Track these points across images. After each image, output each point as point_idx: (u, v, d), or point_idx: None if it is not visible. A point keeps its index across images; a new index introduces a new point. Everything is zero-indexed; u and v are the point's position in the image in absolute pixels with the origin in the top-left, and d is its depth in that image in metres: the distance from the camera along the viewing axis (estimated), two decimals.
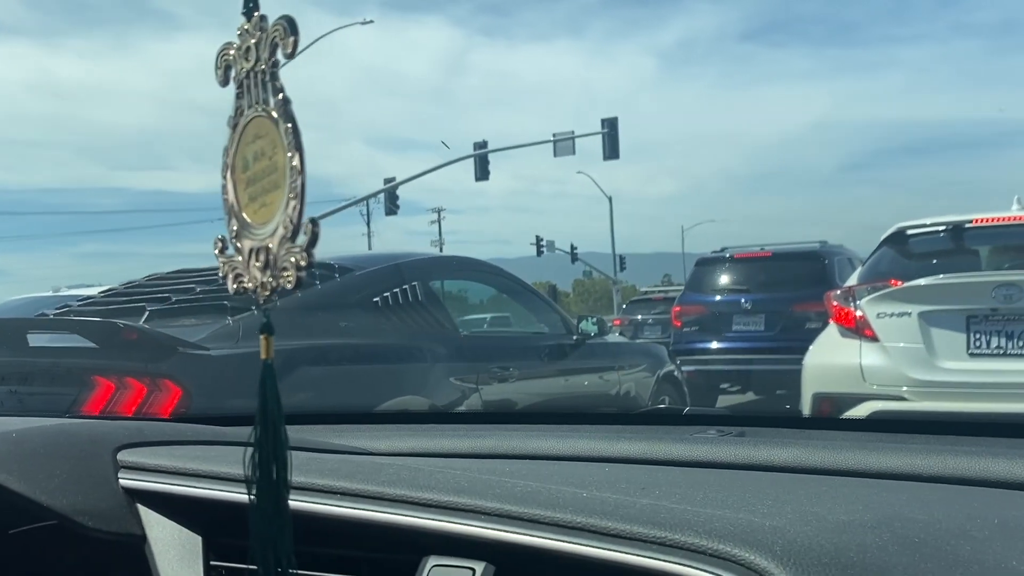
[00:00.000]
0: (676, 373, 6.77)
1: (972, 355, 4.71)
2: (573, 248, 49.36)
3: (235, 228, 0.78)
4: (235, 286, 0.78)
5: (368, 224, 63.56)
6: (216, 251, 0.80)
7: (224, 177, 0.79)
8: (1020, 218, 5.49)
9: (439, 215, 65.51)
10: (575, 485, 1.08)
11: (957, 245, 5.65)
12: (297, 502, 1.07)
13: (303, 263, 0.71)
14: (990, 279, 4.81)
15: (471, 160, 29.04)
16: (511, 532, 0.93)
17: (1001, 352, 4.66)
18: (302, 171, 0.71)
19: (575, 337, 5.63)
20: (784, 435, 1.55)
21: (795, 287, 10.57)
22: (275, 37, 0.74)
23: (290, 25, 0.73)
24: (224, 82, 0.78)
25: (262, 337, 0.74)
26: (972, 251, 5.79)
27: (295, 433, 1.61)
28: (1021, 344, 4.62)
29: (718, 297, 11.15)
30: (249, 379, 3.17)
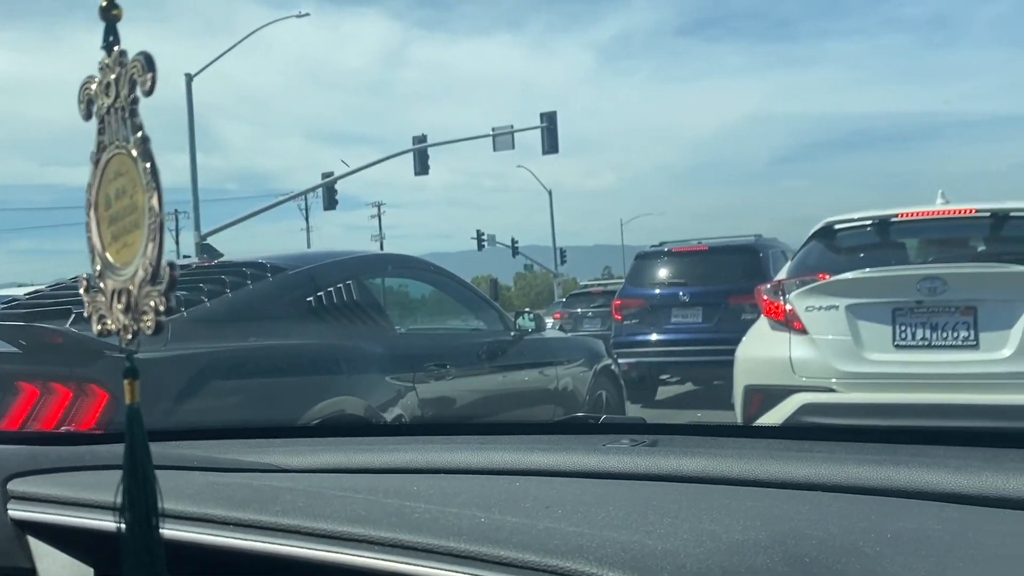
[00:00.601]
0: (613, 367, 6.83)
1: (898, 347, 4.83)
2: (514, 242, 49.48)
3: (98, 268, 0.76)
4: (99, 327, 0.76)
5: (307, 219, 62.92)
6: (82, 290, 0.78)
7: (87, 215, 0.78)
8: (944, 212, 5.62)
9: (379, 210, 65.16)
10: (481, 505, 1.09)
11: (883, 239, 5.76)
12: (184, 532, 1.06)
13: (162, 307, 0.70)
14: (915, 272, 4.91)
15: (411, 154, 28.92)
16: (405, 563, 0.94)
17: (926, 344, 4.78)
18: (160, 212, 0.70)
19: (513, 333, 5.65)
20: (696, 443, 1.57)
21: (731, 280, 10.79)
22: (133, 73, 0.72)
23: (148, 62, 0.71)
24: (87, 116, 0.77)
25: (126, 383, 0.72)
26: (898, 245, 5.91)
27: (207, 450, 1.59)
28: (945, 336, 4.75)
29: (657, 290, 11.40)
30: (178, 383, 3.13)
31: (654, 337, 11.13)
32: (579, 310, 19.28)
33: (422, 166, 29.03)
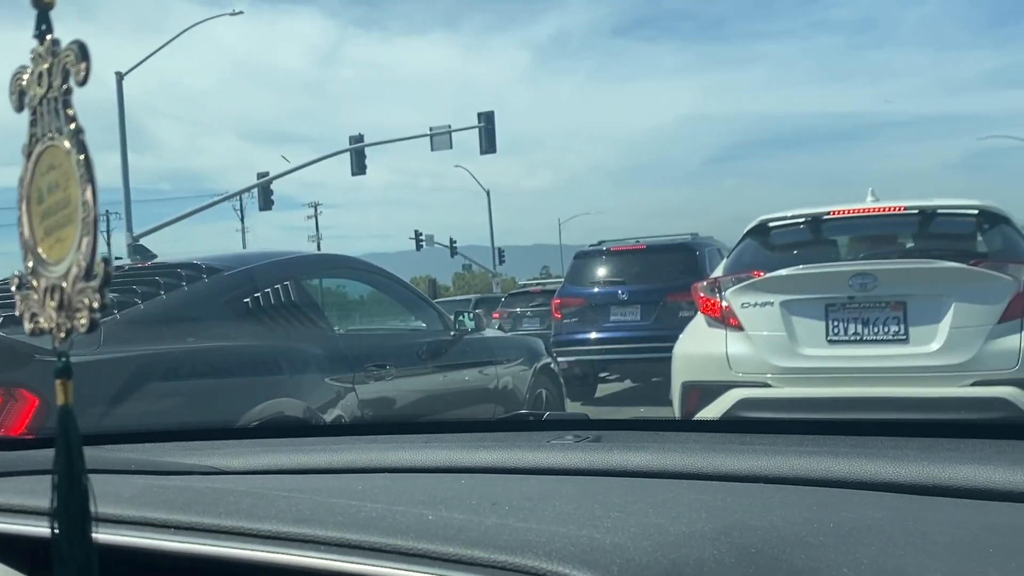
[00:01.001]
0: (553, 365, 6.86)
1: (831, 342, 4.92)
2: (452, 242, 49.41)
3: (30, 264, 0.74)
4: (31, 326, 0.74)
5: (242, 220, 62.03)
6: (13, 287, 0.76)
7: (19, 209, 0.75)
8: (874, 210, 5.75)
9: (316, 210, 64.50)
10: (427, 503, 1.08)
11: (816, 236, 5.87)
12: (123, 537, 1.03)
13: (96, 304, 0.68)
14: (847, 269, 4.99)
15: (348, 154, 28.71)
16: (353, 563, 0.93)
17: (857, 338, 4.89)
18: (95, 206, 0.68)
19: (452, 333, 5.64)
20: (639, 438, 1.58)
21: (668, 278, 10.94)
22: (67, 63, 0.70)
23: (81, 50, 0.69)
24: (19, 108, 0.74)
25: (59, 383, 0.70)
26: (831, 242, 6.03)
27: (146, 454, 1.56)
28: (876, 330, 4.86)
29: (596, 289, 11.52)
30: (112, 387, 3.07)
31: (593, 335, 11.25)
32: (518, 309, 19.30)
33: (359, 166, 28.84)
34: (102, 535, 0.76)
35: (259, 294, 4.33)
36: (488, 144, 28.38)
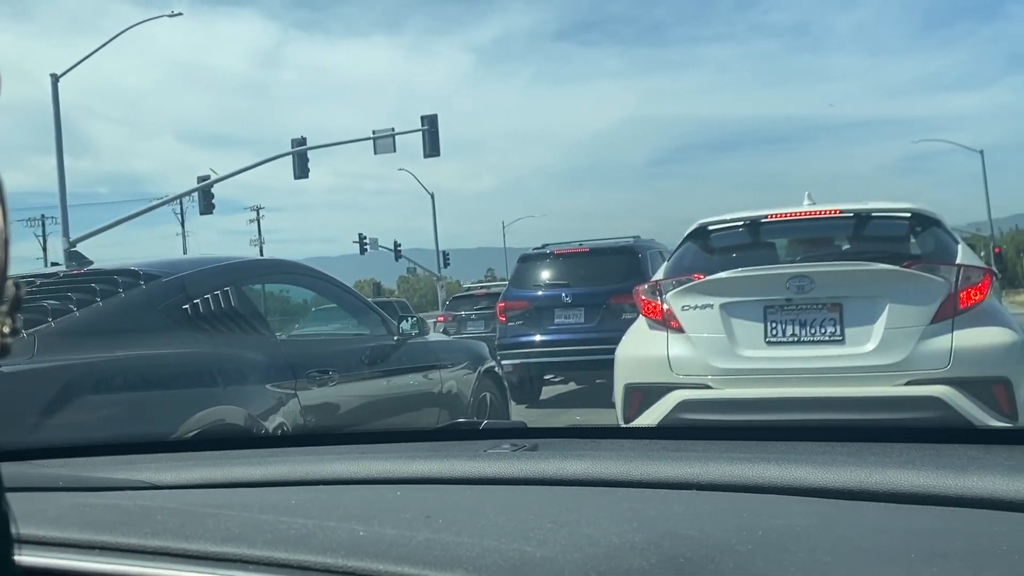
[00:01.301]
0: (497, 369, 6.87)
1: (769, 343, 5.00)
2: (397, 245, 49.16)
3: None
4: None
5: (183, 224, 61.02)
6: None
7: None
8: (810, 213, 5.86)
9: (258, 214, 63.75)
10: (360, 517, 1.08)
11: (755, 239, 5.96)
12: (45, 559, 1.01)
13: (7, 330, 0.66)
14: (784, 271, 5.07)
15: (290, 157, 28.43)
16: None
17: (795, 339, 4.97)
18: (5, 226, 0.67)
19: (396, 337, 5.62)
20: (576, 446, 1.58)
21: (611, 280, 11.04)
22: None
23: None
24: None
25: None
26: (769, 244, 6.12)
27: (74, 469, 1.52)
28: (812, 331, 4.95)
29: (540, 292, 11.62)
30: (44, 397, 3.00)
31: (538, 338, 11.33)
32: (463, 312, 19.29)
33: (302, 169, 28.61)
34: (25, 557, 0.74)
35: (198, 301, 4.26)
36: (432, 147, 28.30)
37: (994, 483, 1.12)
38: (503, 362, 10.61)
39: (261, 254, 54.22)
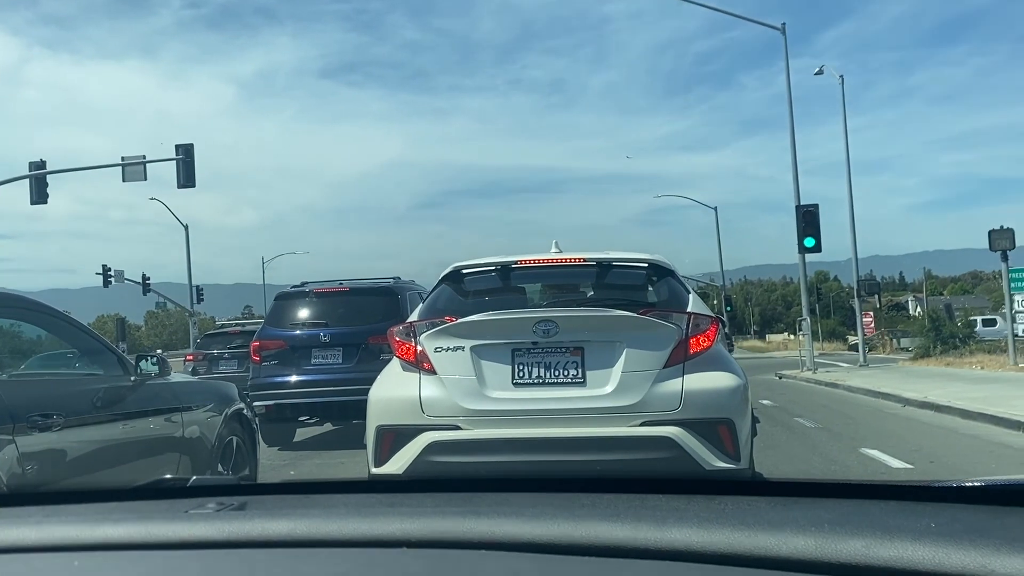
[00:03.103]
0: (246, 411, 6.63)
1: (516, 384, 5.14)
2: (145, 278, 46.62)
3: None
4: None
5: None
6: None
7: None
8: (557, 260, 6.12)
9: None
10: None
11: (505, 284, 6.14)
12: None
13: None
14: (530, 316, 5.24)
15: (27, 181, 26.42)
16: None
17: (540, 381, 5.14)
18: None
19: (133, 378, 5.31)
20: (287, 503, 1.53)
21: (371, 320, 11.04)
22: None
23: None
24: None
25: None
26: (519, 289, 6.31)
27: None
28: (556, 374, 5.14)
29: (297, 331, 11.47)
30: None
31: (293, 378, 11.15)
32: (215, 351, 18.59)
33: (40, 194, 26.74)
34: None
35: None
36: (187, 177, 27.23)
37: (689, 535, 1.15)
38: (255, 403, 10.43)
39: None
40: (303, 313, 11.66)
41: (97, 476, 4.62)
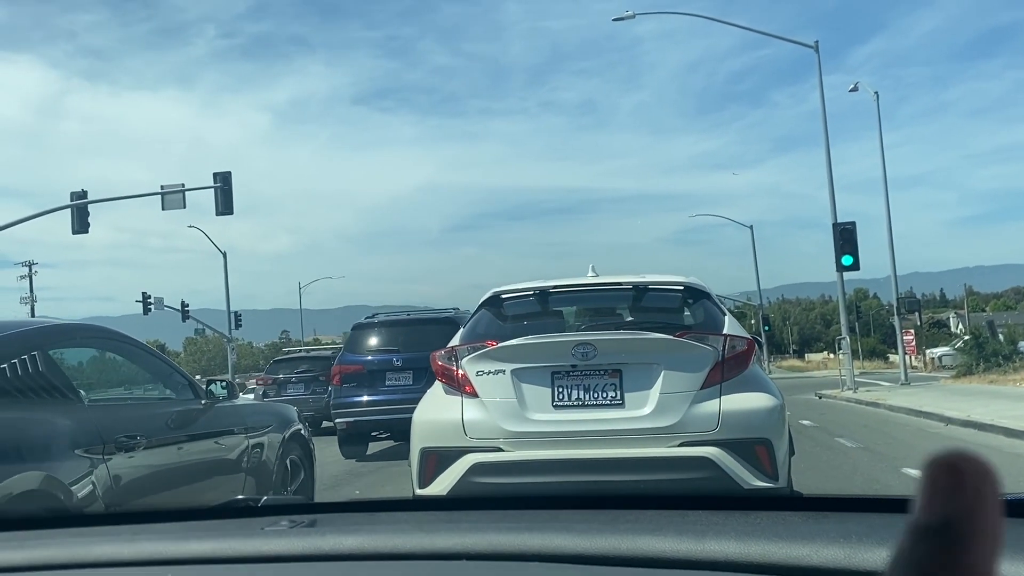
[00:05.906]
0: (303, 431, 6.87)
1: (556, 407, 5.25)
2: (184, 305, 47.17)
3: None
4: None
5: None
6: None
7: None
8: (594, 284, 6.24)
9: (31, 269, 59.55)
10: None
11: (544, 308, 6.26)
12: None
13: None
14: (569, 339, 5.35)
15: (68, 211, 26.93)
16: None
17: (580, 403, 5.24)
18: None
19: (204, 401, 5.57)
20: (354, 520, 1.63)
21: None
22: None
23: None
24: None
25: None
26: (557, 313, 6.43)
27: None
28: (595, 396, 5.24)
29: (371, 356, 12.94)
30: None
31: (369, 398, 12.50)
32: (282, 375, 19.32)
33: (81, 224, 27.17)
34: None
35: (4, 366, 4.19)
36: (225, 205, 27.58)
37: (727, 547, 1.22)
38: (336, 420, 12.34)
39: (32, 313, 50.52)
40: (376, 340, 13.15)
41: (173, 493, 4.95)
